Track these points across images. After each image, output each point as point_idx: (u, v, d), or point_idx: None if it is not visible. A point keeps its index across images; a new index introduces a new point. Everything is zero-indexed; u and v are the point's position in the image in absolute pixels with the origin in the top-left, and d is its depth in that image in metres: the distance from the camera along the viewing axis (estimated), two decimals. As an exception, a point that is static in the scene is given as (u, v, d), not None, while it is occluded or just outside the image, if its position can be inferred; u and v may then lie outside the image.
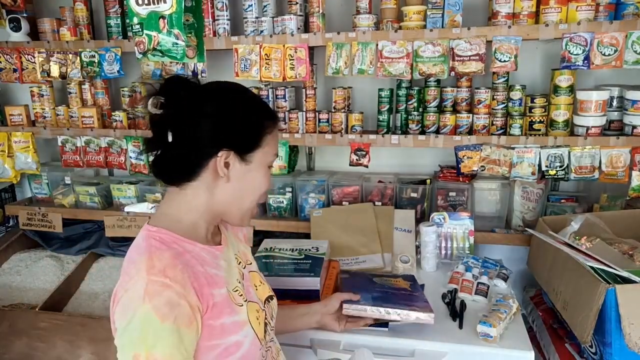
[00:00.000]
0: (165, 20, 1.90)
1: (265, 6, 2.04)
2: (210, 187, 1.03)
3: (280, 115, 2.12)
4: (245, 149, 1.02)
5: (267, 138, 1.04)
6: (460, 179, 2.03)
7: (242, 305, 1.03)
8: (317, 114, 2.08)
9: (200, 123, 0.99)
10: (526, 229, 1.93)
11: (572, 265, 1.46)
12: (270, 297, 1.20)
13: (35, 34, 2.31)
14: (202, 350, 0.94)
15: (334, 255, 1.90)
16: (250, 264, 1.21)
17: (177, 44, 1.92)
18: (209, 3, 2.04)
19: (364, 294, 1.48)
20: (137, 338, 0.85)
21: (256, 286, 1.16)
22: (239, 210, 1.07)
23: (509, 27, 1.78)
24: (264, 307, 1.13)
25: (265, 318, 1.11)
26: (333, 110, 2.08)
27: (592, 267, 1.35)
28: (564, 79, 1.83)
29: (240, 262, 1.14)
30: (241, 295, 1.05)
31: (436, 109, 2.01)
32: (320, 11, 1.96)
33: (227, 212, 1.08)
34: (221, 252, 1.09)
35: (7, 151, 2.37)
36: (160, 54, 1.97)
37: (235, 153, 1.01)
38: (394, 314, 1.41)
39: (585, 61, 1.74)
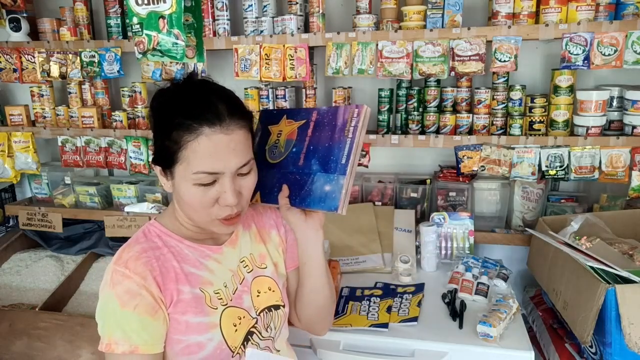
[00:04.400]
0: (165, 20, 1.90)
1: (265, 6, 2.04)
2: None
3: (280, 115, 2.11)
4: (163, 163, 1.00)
5: (184, 153, 0.94)
6: (460, 179, 2.03)
7: (216, 309, 1.02)
8: (317, 114, 2.08)
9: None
10: (526, 229, 1.93)
11: (572, 265, 1.46)
12: (276, 307, 1.14)
13: (35, 34, 2.31)
14: (169, 341, 0.99)
15: (334, 255, 1.90)
16: (265, 267, 1.15)
17: (176, 44, 1.93)
18: (209, 3, 2.03)
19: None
20: (103, 319, 0.95)
21: (259, 292, 1.12)
22: (198, 219, 1.01)
23: (509, 27, 1.78)
24: (258, 315, 1.09)
25: (254, 327, 1.08)
26: (333, 110, 2.08)
27: (592, 267, 1.35)
28: (564, 79, 1.84)
29: (247, 266, 1.12)
30: (220, 298, 1.04)
31: (436, 109, 2.01)
32: (320, 11, 1.96)
33: (192, 219, 1.03)
34: (217, 252, 1.08)
35: (7, 151, 2.37)
36: (160, 54, 1.97)
37: (161, 167, 1.01)
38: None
39: (585, 61, 1.74)
